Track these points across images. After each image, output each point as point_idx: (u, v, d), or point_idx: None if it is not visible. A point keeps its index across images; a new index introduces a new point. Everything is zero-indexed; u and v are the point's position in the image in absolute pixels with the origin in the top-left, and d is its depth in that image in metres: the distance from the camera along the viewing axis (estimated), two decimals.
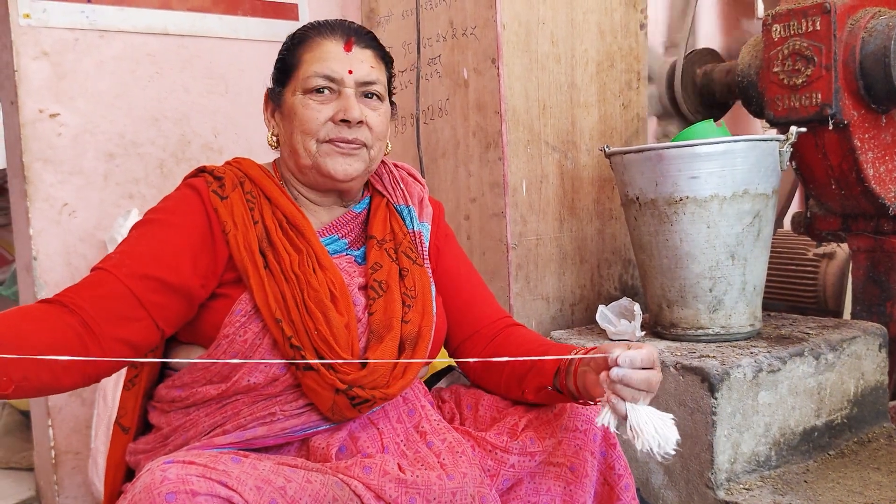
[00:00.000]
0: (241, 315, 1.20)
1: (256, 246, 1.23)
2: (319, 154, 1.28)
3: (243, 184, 1.30)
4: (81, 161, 2.19)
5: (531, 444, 1.23)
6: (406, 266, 1.33)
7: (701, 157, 1.77)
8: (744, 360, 1.68)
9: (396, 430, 1.25)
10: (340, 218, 1.37)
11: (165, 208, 1.26)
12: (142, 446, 1.26)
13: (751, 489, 1.62)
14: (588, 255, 2.27)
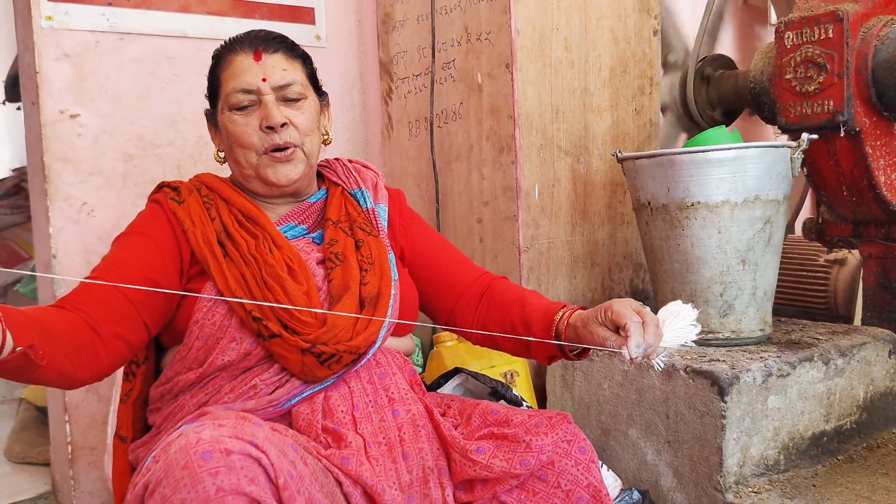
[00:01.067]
0: (208, 301, 1.28)
1: (215, 238, 1.32)
2: (260, 166, 1.37)
3: (199, 189, 1.40)
4: (101, 161, 2.22)
5: (496, 461, 1.24)
6: (361, 238, 1.40)
7: (713, 162, 1.79)
8: (754, 364, 1.69)
9: (367, 390, 1.31)
10: (296, 208, 1.45)
11: (137, 224, 1.37)
12: (140, 442, 1.33)
13: (759, 492, 1.64)
14: (599, 258, 2.29)
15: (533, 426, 1.25)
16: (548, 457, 1.22)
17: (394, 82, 2.55)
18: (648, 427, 1.79)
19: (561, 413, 1.29)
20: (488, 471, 1.22)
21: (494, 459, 1.22)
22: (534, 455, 1.21)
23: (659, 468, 1.78)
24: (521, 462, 1.22)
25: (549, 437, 1.23)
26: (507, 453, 1.22)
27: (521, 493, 1.24)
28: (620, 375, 1.86)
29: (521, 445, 1.22)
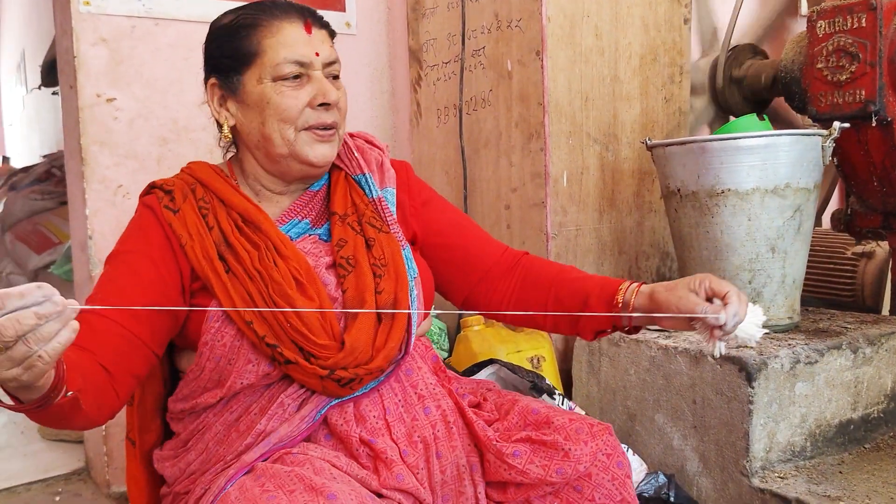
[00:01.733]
0: (215, 320, 1.20)
1: (215, 252, 1.22)
2: (297, 142, 1.26)
3: (195, 190, 1.28)
4: (136, 145, 2.26)
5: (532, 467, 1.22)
6: (372, 236, 1.31)
7: (744, 150, 1.79)
8: (782, 351, 1.70)
9: (395, 389, 1.27)
10: (298, 200, 1.35)
11: (130, 237, 1.26)
12: (167, 453, 1.29)
13: (785, 478, 1.64)
14: (627, 246, 2.30)
15: (573, 432, 1.23)
16: (585, 468, 1.21)
17: (423, 69, 2.57)
18: (675, 412, 1.81)
19: (603, 423, 1.27)
20: (524, 476, 1.21)
21: (531, 465, 1.21)
22: (571, 465, 1.20)
23: (685, 453, 1.79)
24: (557, 470, 1.20)
25: (589, 446, 1.21)
26: (545, 460, 1.21)
27: (554, 500, 1.23)
28: (647, 361, 1.87)
29: (560, 453, 1.20)
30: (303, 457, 1.16)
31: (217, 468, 1.19)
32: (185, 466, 1.24)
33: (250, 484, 1.08)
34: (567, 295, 1.33)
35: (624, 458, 1.25)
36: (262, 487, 1.05)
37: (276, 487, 1.04)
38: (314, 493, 1.02)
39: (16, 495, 2.28)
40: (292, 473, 1.08)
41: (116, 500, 2.23)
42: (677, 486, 1.73)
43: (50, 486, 2.36)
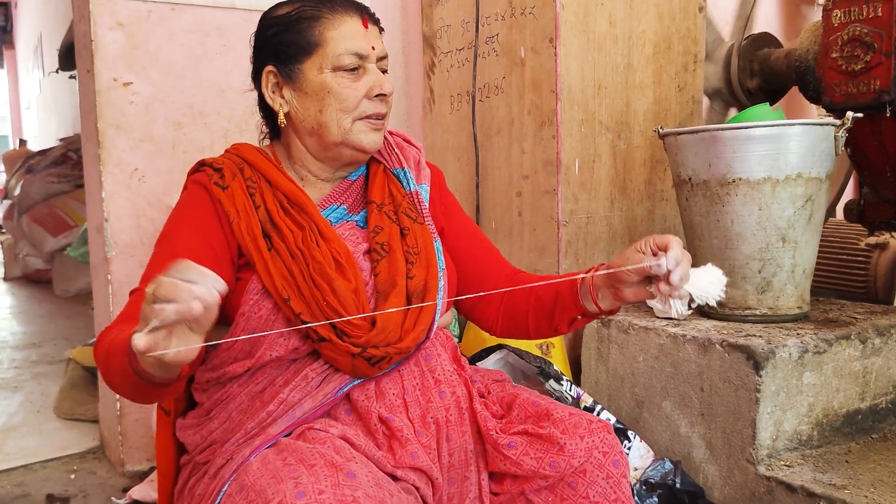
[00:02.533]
0: (254, 293, 1.25)
1: (259, 230, 1.27)
2: (352, 131, 1.33)
3: (243, 170, 1.34)
4: (152, 129, 2.29)
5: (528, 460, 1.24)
6: (407, 225, 1.37)
7: (755, 139, 1.79)
8: (790, 340, 1.70)
9: (414, 373, 1.31)
10: (337, 187, 1.41)
11: (184, 213, 1.32)
12: (189, 421, 1.33)
13: (791, 466, 1.65)
14: (638, 235, 2.31)
15: (571, 426, 1.25)
16: (580, 462, 1.22)
17: (436, 56, 2.58)
18: (682, 400, 1.82)
19: (603, 421, 1.29)
20: (517, 467, 1.24)
21: (525, 457, 1.23)
22: (565, 459, 1.21)
23: (692, 440, 1.80)
24: (551, 464, 1.22)
25: (585, 441, 1.22)
26: (539, 452, 1.23)
27: (549, 495, 1.24)
28: (656, 349, 1.88)
29: (555, 447, 1.22)
30: (324, 434, 1.20)
31: (238, 438, 1.23)
32: (208, 435, 1.28)
33: (273, 457, 1.12)
34: (544, 293, 1.39)
35: (621, 457, 1.26)
36: (283, 461, 1.09)
37: (297, 462, 1.08)
38: (334, 469, 1.05)
39: (32, 472, 2.33)
40: (314, 450, 1.11)
41: (130, 478, 2.27)
42: (683, 472, 1.74)
43: (65, 463, 2.40)
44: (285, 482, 1.01)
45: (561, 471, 1.22)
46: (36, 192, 5.44)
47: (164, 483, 1.39)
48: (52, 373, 3.37)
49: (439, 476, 1.24)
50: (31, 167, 5.70)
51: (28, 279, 5.99)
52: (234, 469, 1.16)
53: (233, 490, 1.08)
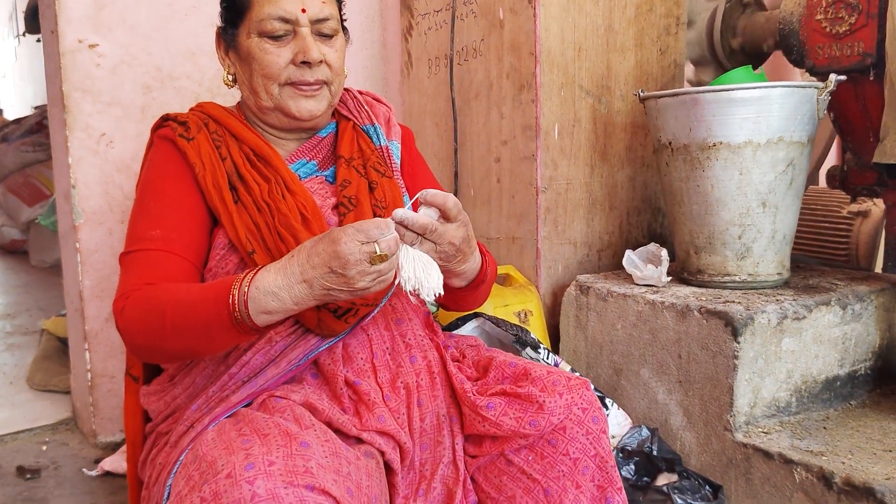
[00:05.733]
0: (221, 248, 1.25)
1: (226, 182, 1.27)
2: (282, 97, 1.32)
3: (207, 125, 1.34)
4: (119, 92, 2.22)
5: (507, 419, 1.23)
6: (375, 179, 1.36)
7: (737, 102, 1.75)
8: (769, 306, 1.68)
9: (384, 337, 1.30)
10: (307, 143, 1.41)
11: (160, 171, 1.30)
12: (153, 388, 1.31)
13: (769, 433, 1.64)
14: (618, 201, 2.27)
15: (550, 384, 1.23)
16: (559, 419, 1.21)
17: (414, 18, 2.52)
18: (660, 367, 1.80)
19: (581, 378, 1.27)
20: (497, 428, 1.22)
21: (504, 417, 1.22)
22: (545, 416, 1.20)
23: (669, 407, 1.78)
24: (530, 422, 1.20)
25: (564, 398, 1.21)
26: (518, 412, 1.21)
27: (529, 454, 1.23)
28: (634, 316, 1.85)
29: (534, 406, 1.21)
30: (284, 402, 1.17)
31: (200, 403, 1.20)
32: (171, 401, 1.26)
33: (229, 427, 1.10)
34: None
35: (600, 413, 1.24)
36: (238, 431, 1.06)
37: (252, 432, 1.05)
38: (288, 438, 1.02)
39: (3, 444, 2.29)
40: (270, 421, 1.08)
41: (103, 449, 2.23)
42: (660, 439, 1.72)
43: (37, 435, 2.36)
44: (236, 453, 0.98)
45: (541, 429, 1.21)
46: (11, 162, 5.33)
47: (133, 452, 1.36)
48: (27, 344, 3.31)
49: (408, 441, 1.22)
50: (6, 136, 5.58)
51: (4, 250, 5.89)
52: (192, 438, 1.13)
53: (188, 460, 1.06)
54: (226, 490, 0.93)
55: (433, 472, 1.26)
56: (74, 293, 2.27)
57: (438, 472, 1.26)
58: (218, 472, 0.96)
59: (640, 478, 1.69)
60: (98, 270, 2.22)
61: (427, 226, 1.14)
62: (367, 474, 1.08)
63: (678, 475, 1.68)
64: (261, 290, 1.07)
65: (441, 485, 1.26)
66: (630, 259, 2.00)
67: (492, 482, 1.27)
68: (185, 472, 1.03)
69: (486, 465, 1.28)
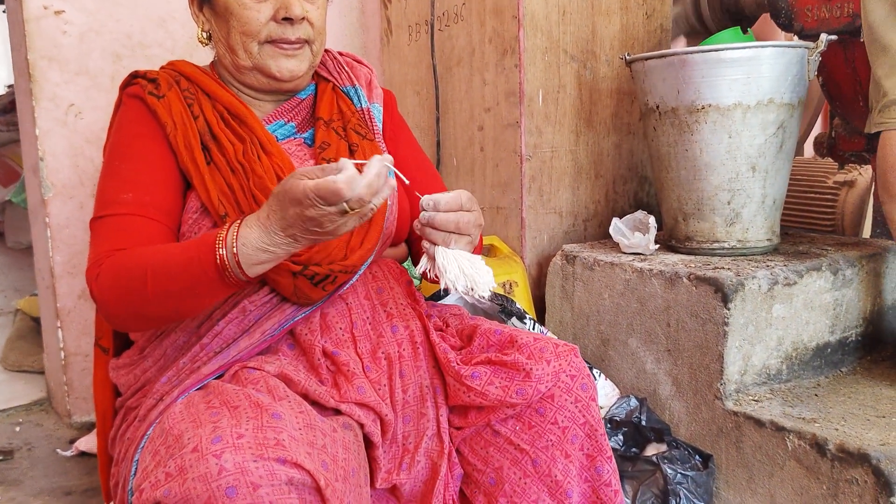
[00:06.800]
0: (193, 212, 1.20)
1: (198, 142, 1.21)
2: (262, 55, 1.26)
3: (179, 82, 1.28)
4: (87, 61, 2.14)
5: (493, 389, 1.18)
6: (355, 142, 1.31)
7: (726, 62, 1.70)
8: (759, 272, 1.64)
9: (364, 306, 1.25)
10: (285, 104, 1.35)
11: (129, 130, 1.25)
12: (123, 361, 1.26)
13: (760, 401, 1.61)
14: (604, 170, 2.22)
15: (537, 350, 1.19)
16: (547, 388, 1.16)
17: None
18: (649, 336, 1.76)
19: (569, 345, 1.23)
20: (483, 398, 1.17)
21: (490, 386, 1.17)
22: (532, 385, 1.15)
23: (658, 377, 1.74)
24: (518, 391, 1.15)
25: (552, 365, 1.17)
26: (505, 381, 1.17)
27: (516, 423, 1.19)
28: (622, 285, 1.81)
29: (521, 374, 1.16)
30: (258, 374, 1.12)
31: (171, 376, 1.15)
32: (141, 374, 1.21)
33: (198, 400, 1.05)
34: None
35: (589, 381, 1.20)
36: (207, 404, 1.01)
37: (221, 404, 1.00)
38: (259, 410, 0.97)
39: None
40: (240, 392, 1.03)
41: (78, 429, 2.17)
42: (649, 409, 1.69)
43: (10, 416, 2.30)
44: (204, 426, 0.93)
45: (528, 397, 1.16)
46: None
47: (103, 427, 1.31)
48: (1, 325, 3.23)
49: (389, 413, 1.17)
50: None
51: None
52: (161, 411, 1.07)
53: (155, 434, 1.00)
54: (192, 464, 0.88)
55: (417, 446, 1.22)
56: (45, 270, 2.20)
57: (422, 446, 1.22)
58: (184, 446, 0.91)
59: (629, 448, 1.65)
60: (69, 246, 2.15)
61: (458, 221, 1.10)
62: (343, 447, 1.03)
63: (667, 445, 1.64)
64: (248, 246, 1.03)
65: (425, 458, 1.21)
66: (617, 227, 1.95)
67: (478, 454, 1.22)
68: (152, 447, 0.97)
69: (472, 436, 1.23)
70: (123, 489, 1.10)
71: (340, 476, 0.97)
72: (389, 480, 1.17)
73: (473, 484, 1.22)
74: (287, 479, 0.90)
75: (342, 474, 0.98)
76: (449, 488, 1.21)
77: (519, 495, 1.17)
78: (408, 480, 1.19)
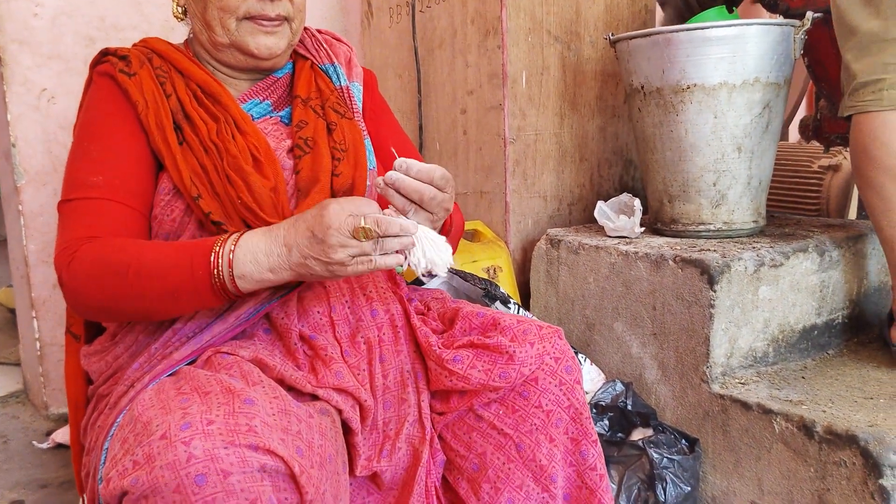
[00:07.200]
0: (166, 193, 1.16)
1: (170, 121, 1.18)
2: (240, 32, 1.22)
3: (151, 60, 1.24)
4: (60, 45, 2.09)
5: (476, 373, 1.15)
6: (334, 120, 1.27)
7: (711, 41, 1.67)
8: (745, 253, 1.62)
9: (343, 289, 1.22)
10: (261, 83, 1.31)
11: (99, 110, 1.21)
12: (94, 348, 1.22)
13: (746, 384, 1.59)
14: (588, 153, 2.19)
15: (521, 333, 1.16)
16: (531, 370, 1.14)
17: None
18: (634, 320, 1.73)
19: (553, 327, 1.20)
20: (465, 382, 1.14)
21: (472, 370, 1.14)
22: (515, 368, 1.13)
23: (644, 361, 1.72)
24: (501, 374, 1.13)
25: (535, 348, 1.14)
26: (487, 364, 1.14)
27: (499, 407, 1.16)
28: (607, 268, 1.79)
29: (504, 357, 1.13)
30: (231, 359, 1.09)
31: (142, 362, 1.11)
32: (113, 361, 1.18)
33: (168, 386, 1.01)
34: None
35: (573, 363, 1.17)
36: (178, 390, 0.97)
37: (192, 390, 0.96)
38: (231, 396, 0.93)
39: None
40: (212, 378, 1.00)
41: (55, 421, 2.13)
42: (635, 394, 1.67)
43: None
44: (173, 413, 0.89)
45: (512, 381, 1.13)
46: None
47: (75, 416, 1.27)
48: None
49: (369, 398, 1.14)
50: None
51: None
52: (131, 398, 1.04)
53: (124, 421, 0.97)
54: (160, 452, 0.85)
55: (398, 432, 1.19)
56: (19, 258, 2.15)
57: (403, 432, 1.19)
58: (152, 434, 0.87)
59: (615, 433, 1.63)
60: (44, 234, 2.10)
61: (424, 192, 1.06)
62: (320, 433, 0.99)
63: (653, 429, 1.62)
64: (243, 248, 1.01)
65: (406, 445, 1.18)
66: (602, 210, 1.92)
67: (461, 439, 1.20)
68: (121, 435, 0.94)
69: (455, 421, 1.21)
70: (94, 479, 1.06)
71: (316, 463, 0.94)
72: (370, 468, 1.14)
73: (456, 470, 1.20)
74: (259, 466, 0.87)
75: (318, 461, 0.95)
76: (431, 475, 1.18)
77: (503, 481, 1.15)
78: (388, 468, 1.16)
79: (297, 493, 0.91)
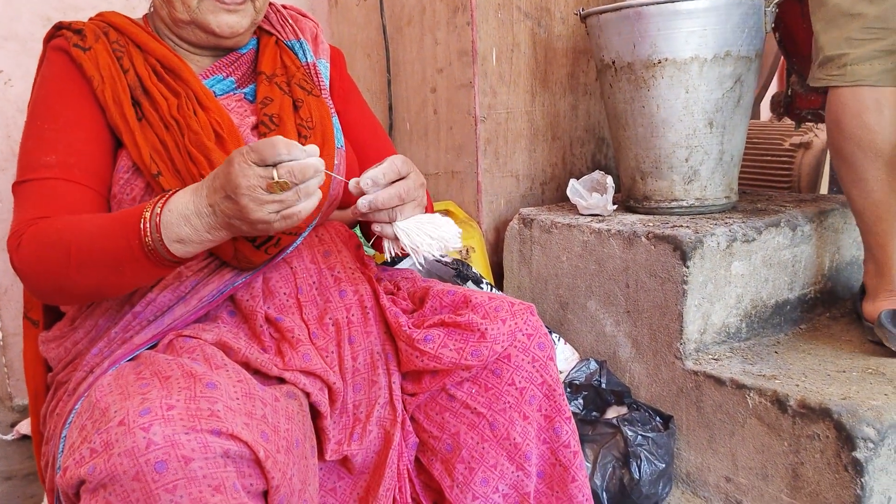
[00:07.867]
0: (125, 172, 1.12)
1: (128, 97, 1.13)
2: (201, 9, 1.18)
3: (107, 34, 1.20)
4: (16, 25, 2.02)
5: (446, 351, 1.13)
6: (300, 97, 1.24)
7: (682, 14, 1.65)
8: (718, 229, 1.61)
9: (310, 270, 1.19)
10: (224, 59, 1.27)
11: (53, 87, 1.16)
12: (53, 334, 1.18)
13: (720, 359, 1.58)
14: (560, 131, 2.17)
15: (492, 310, 1.14)
16: (503, 347, 1.12)
17: None
18: (608, 298, 1.72)
19: (525, 303, 1.18)
20: (436, 362, 1.12)
21: (444, 349, 1.12)
22: (487, 345, 1.10)
23: (617, 339, 1.71)
24: (473, 352, 1.10)
25: (507, 325, 1.12)
26: (459, 342, 1.11)
27: (472, 386, 1.14)
28: (580, 247, 1.77)
29: (475, 334, 1.11)
30: (194, 342, 1.05)
31: (102, 346, 1.08)
32: (72, 346, 1.14)
33: (128, 371, 0.98)
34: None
35: (546, 339, 1.15)
36: (137, 375, 0.94)
37: (152, 375, 0.93)
38: (192, 380, 0.90)
39: None
40: (173, 362, 0.96)
41: (20, 412, 2.08)
42: (609, 372, 1.65)
43: None
44: (132, 398, 0.86)
45: (484, 359, 1.11)
46: None
47: (35, 405, 1.23)
48: None
49: (338, 381, 1.11)
50: None
51: None
52: (90, 384, 1.00)
53: (83, 408, 0.93)
54: (118, 439, 0.81)
55: (368, 415, 1.16)
56: None
57: (374, 414, 1.16)
58: (110, 420, 0.84)
59: (589, 412, 1.62)
60: (4, 221, 2.04)
61: (401, 190, 1.03)
62: (286, 417, 0.96)
63: (628, 407, 1.61)
64: (174, 212, 0.94)
65: (377, 427, 1.16)
66: (574, 188, 1.90)
67: (433, 420, 1.17)
68: (79, 422, 0.90)
69: (427, 402, 1.18)
70: (52, 468, 1.03)
71: (283, 447, 0.92)
72: (340, 452, 1.12)
73: (430, 451, 1.18)
74: (222, 451, 0.84)
75: (285, 445, 0.92)
76: (403, 458, 1.16)
77: (477, 461, 1.13)
78: (359, 451, 1.13)
79: (262, 479, 0.88)
